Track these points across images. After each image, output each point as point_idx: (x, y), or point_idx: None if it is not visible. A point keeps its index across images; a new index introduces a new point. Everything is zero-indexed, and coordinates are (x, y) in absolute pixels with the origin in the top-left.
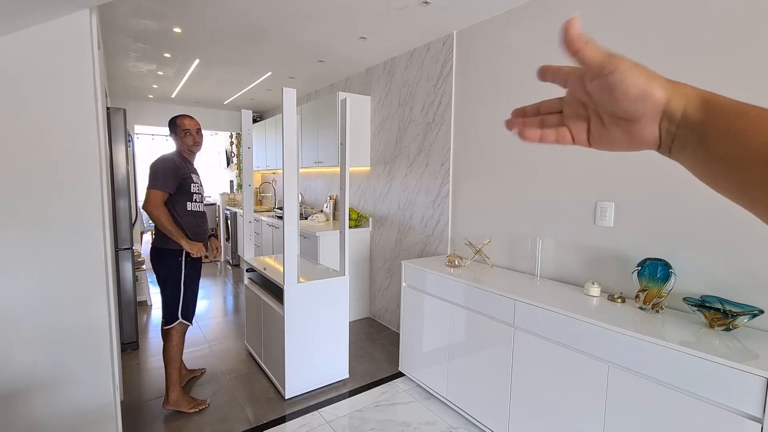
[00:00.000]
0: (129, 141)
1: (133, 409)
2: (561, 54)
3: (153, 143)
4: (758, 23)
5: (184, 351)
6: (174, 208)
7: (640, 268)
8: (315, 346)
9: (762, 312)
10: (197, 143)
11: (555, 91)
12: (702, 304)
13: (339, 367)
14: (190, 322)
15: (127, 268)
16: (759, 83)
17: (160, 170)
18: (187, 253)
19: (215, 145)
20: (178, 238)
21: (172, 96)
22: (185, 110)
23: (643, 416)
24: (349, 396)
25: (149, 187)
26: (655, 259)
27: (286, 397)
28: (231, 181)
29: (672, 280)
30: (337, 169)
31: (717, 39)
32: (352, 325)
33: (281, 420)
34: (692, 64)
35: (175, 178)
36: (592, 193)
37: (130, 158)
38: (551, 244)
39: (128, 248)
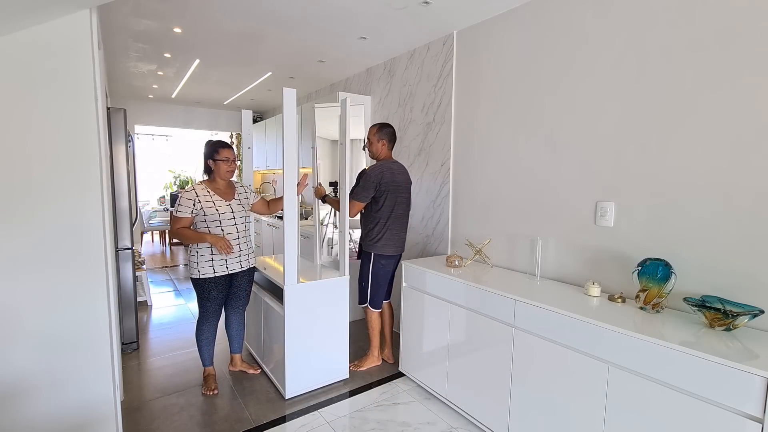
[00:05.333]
0: (129, 141)
1: (133, 409)
2: (560, 53)
3: (153, 143)
4: (757, 22)
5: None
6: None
7: (640, 268)
8: (315, 346)
9: (762, 312)
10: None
11: (555, 92)
12: (702, 304)
13: (339, 367)
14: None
15: (127, 268)
16: (758, 82)
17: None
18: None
19: None
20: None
21: (173, 96)
22: (185, 110)
23: (643, 416)
24: (350, 396)
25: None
26: (655, 259)
27: (287, 397)
28: None
29: (672, 280)
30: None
31: (716, 38)
32: (352, 325)
33: (281, 420)
34: (691, 64)
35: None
36: (592, 193)
37: (131, 158)
38: (551, 244)
39: (128, 248)
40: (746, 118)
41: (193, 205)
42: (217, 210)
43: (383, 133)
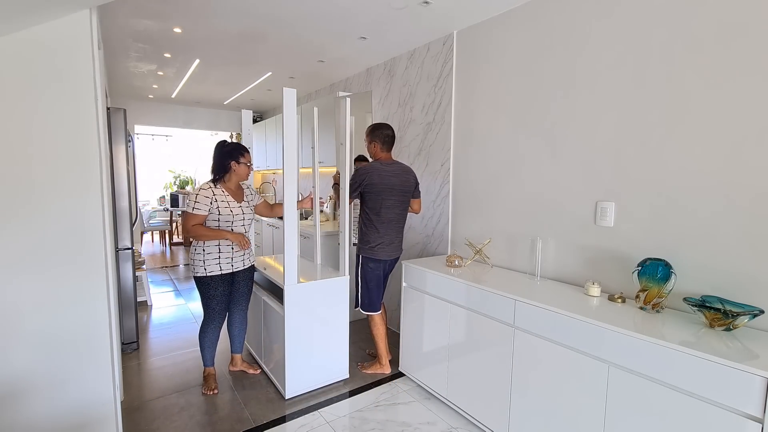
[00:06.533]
0: (129, 141)
1: (133, 409)
2: (561, 53)
3: (153, 143)
4: (757, 22)
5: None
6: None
7: (640, 268)
8: (315, 346)
9: (762, 312)
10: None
11: (555, 92)
12: (702, 304)
13: (339, 367)
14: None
15: (127, 268)
16: (758, 82)
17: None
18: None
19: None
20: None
21: (173, 96)
22: (185, 110)
23: (643, 416)
24: (350, 396)
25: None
26: (655, 259)
27: (286, 397)
28: None
29: (672, 280)
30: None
31: (717, 39)
32: (352, 325)
33: (281, 420)
34: (691, 64)
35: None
36: (592, 193)
37: (131, 158)
38: (551, 244)
39: (128, 248)
40: (746, 118)
41: (210, 203)
42: (231, 211)
43: (374, 134)
